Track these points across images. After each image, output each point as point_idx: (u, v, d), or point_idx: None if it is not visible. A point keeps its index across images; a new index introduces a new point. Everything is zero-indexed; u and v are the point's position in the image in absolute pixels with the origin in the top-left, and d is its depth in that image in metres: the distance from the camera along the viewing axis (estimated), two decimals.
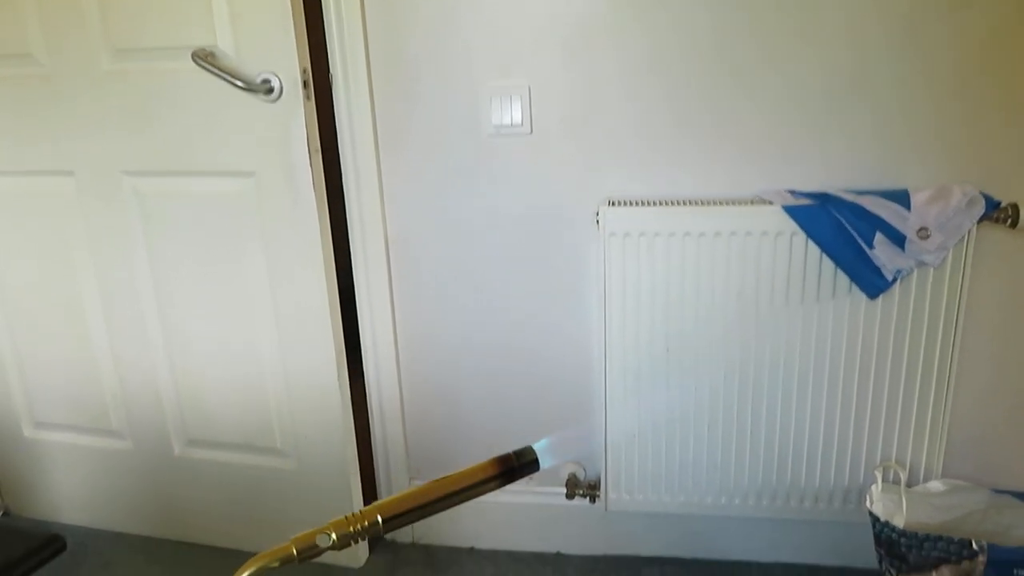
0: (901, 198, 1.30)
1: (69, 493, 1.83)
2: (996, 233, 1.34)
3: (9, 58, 1.50)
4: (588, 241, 1.47)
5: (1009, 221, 1.30)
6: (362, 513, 0.37)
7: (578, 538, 1.68)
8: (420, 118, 1.47)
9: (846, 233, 1.31)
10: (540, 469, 0.41)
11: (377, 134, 1.49)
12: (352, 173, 1.52)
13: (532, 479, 1.60)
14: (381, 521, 0.37)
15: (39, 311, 1.68)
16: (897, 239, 1.30)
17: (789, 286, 1.37)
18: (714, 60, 1.35)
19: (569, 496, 1.60)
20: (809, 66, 1.33)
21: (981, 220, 1.29)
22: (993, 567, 1.21)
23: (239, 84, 1.34)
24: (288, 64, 1.35)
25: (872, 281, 1.33)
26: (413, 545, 1.75)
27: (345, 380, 1.57)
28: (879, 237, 1.31)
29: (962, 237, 1.29)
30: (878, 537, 1.33)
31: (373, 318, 1.61)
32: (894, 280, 1.32)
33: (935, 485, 1.42)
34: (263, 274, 1.51)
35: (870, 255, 1.31)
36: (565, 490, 1.61)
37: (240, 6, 1.34)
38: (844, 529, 1.53)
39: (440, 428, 1.69)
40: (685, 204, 1.37)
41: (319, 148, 1.42)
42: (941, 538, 1.23)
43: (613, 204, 1.39)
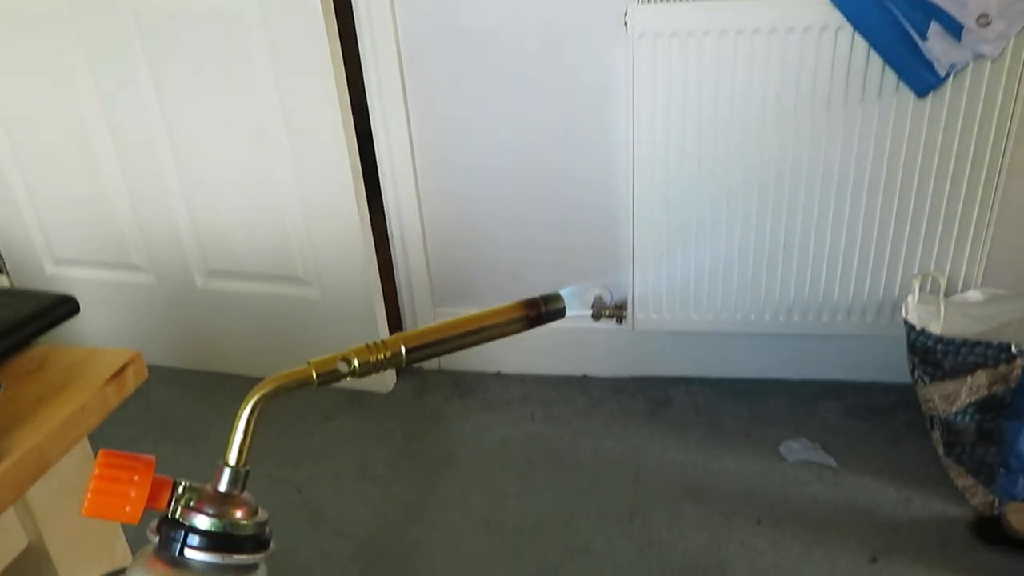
0: None
1: (97, 330, 1.85)
2: None
3: None
4: (615, 46, 1.37)
5: None
6: (384, 343, 0.36)
7: (605, 360, 1.68)
8: None
9: (897, 24, 1.20)
10: (566, 316, 0.41)
11: None
12: None
13: None
14: (404, 351, 0.36)
15: (48, 145, 1.63)
16: (954, 28, 1.19)
17: (832, 87, 1.27)
18: None
19: (595, 318, 1.58)
20: None
21: None
22: None
23: None
24: None
25: (923, 77, 1.23)
26: (440, 371, 1.76)
27: (363, 202, 1.52)
28: (934, 27, 1.20)
29: None
30: (912, 345, 1.31)
31: (390, 144, 1.54)
32: (947, 76, 1.23)
33: (973, 294, 1.38)
34: (273, 95, 1.43)
35: (922, 48, 1.21)
36: (591, 311, 1.59)
37: None
38: (872, 343, 1.51)
39: (464, 258, 1.65)
40: None
41: None
42: (979, 343, 1.21)
43: (642, 1, 1.28)
